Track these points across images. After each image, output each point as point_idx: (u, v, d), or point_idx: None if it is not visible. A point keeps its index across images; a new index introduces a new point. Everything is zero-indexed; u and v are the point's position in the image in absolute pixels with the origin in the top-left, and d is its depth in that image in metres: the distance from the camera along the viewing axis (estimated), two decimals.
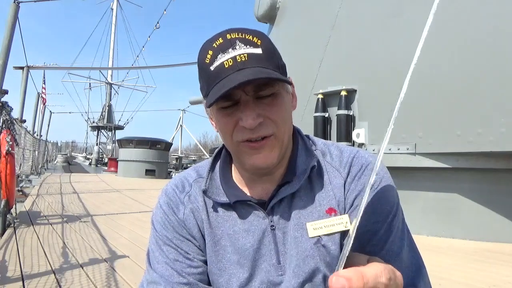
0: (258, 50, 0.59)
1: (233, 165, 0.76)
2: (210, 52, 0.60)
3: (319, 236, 0.65)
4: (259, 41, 0.60)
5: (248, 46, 0.59)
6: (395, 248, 0.63)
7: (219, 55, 0.59)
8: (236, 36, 0.60)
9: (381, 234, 0.64)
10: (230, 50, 0.59)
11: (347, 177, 0.69)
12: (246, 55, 0.59)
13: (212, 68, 0.60)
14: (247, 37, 0.60)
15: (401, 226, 0.67)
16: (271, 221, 0.68)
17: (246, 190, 0.72)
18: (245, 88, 0.59)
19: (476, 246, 4.12)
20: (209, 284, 0.72)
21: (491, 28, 4.02)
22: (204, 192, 0.71)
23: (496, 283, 2.83)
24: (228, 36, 0.60)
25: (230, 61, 0.58)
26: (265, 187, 0.70)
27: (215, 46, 0.60)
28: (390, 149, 4.65)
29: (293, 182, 0.67)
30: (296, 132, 0.76)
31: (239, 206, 0.70)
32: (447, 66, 4.27)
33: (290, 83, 0.61)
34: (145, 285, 0.70)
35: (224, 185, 0.72)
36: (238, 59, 0.58)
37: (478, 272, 3.12)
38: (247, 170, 0.70)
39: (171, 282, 0.67)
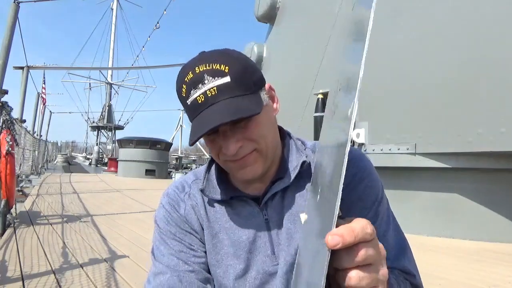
0: (227, 79, 0.62)
1: None
2: (184, 87, 0.64)
3: None
4: (226, 67, 0.62)
5: (216, 78, 0.62)
6: (380, 231, 0.68)
7: (192, 91, 0.63)
8: (204, 68, 0.62)
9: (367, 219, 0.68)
10: (200, 85, 0.62)
11: None
12: (215, 88, 0.62)
13: (188, 102, 0.64)
14: (214, 67, 0.62)
15: (386, 212, 0.72)
16: (265, 215, 0.73)
17: (241, 188, 0.77)
18: None
19: (476, 246, 4.12)
20: (210, 273, 0.76)
21: (491, 28, 4.02)
22: (202, 191, 0.76)
23: (496, 283, 2.83)
24: (197, 70, 0.63)
25: (201, 97, 0.62)
26: (259, 185, 0.75)
27: (187, 80, 0.63)
28: (390, 149, 4.65)
29: (285, 178, 0.72)
30: (286, 134, 0.80)
31: (235, 202, 0.75)
32: (447, 66, 4.27)
33: (259, 112, 0.63)
34: (151, 278, 0.73)
35: (220, 184, 0.76)
36: (208, 93, 0.62)
37: (478, 272, 3.12)
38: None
39: (178, 271, 0.71)
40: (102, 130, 37.94)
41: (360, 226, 0.44)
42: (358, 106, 0.40)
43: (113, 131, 37.34)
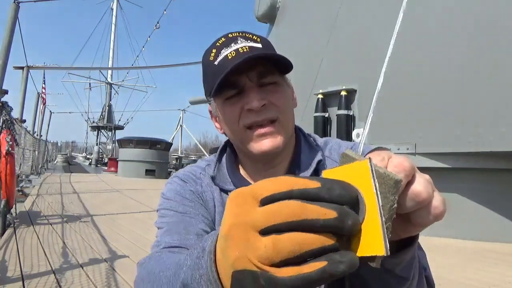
0: (258, 45, 0.65)
1: (239, 160, 0.78)
2: (214, 50, 0.65)
3: None
4: (258, 38, 0.66)
5: (249, 41, 0.65)
6: None
7: (223, 50, 0.64)
8: (237, 34, 0.66)
9: None
10: (232, 44, 0.64)
11: None
12: (247, 47, 0.63)
13: (216, 63, 0.64)
14: (247, 35, 0.66)
15: None
16: None
17: (251, 181, 0.73)
18: (249, 75, 0.63)
19: (476, 246, 4.12)
20: None
21: (491, 29, 4.01)
22: (212, 178, 0.73)
23: (496, 283, 2.83)
24: (230, 35, 0.66)
25: (233, 53, 0.63)
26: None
27: (218, 44, 0.65)
28: (390, 149, 4.64)
29: (299, 174, 0.69)
30: (297, 129, 0.78)
31: None
32: (447, 66, 4.27)
33: (292, 68, 0.65)
34: (159, 237, 0.66)
35: (231, 175, 0.74)
36: (241, 50, 0.63)
37: (478, 272, 3.12)
38: (253, 158, 0.70)
39: (193, 226, 0.65)
40: (102, 130, 37.92)
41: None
42: (358, 106, 0.40)
43: (113, 131, 37.32)
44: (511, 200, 4.37)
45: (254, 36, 0.66)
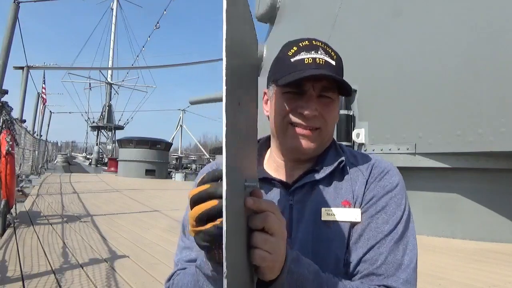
0: (333, 62, 0.73)
1: (266, 154, 0.86)
2: (295, 48, 0.74)
3: (330, 221, 0.73)
4: (335, 56, 0.75)
5: (327, 55, 0.73)
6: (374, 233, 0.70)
7: (303, 53, 0.73)
8: (320, 44, 0.75)
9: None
10: (313, 52, 0.73)
11: (368, 178, 0.77)
12: (324, 60, 0.72)
13: (292, 60, 0.73)
14: (327, 49, 0.75)
15: (391, 224, 0.72)
16: (291, 200, 0.77)
17: (273, 175, 0.81)
18: (315, 84, 0.72)
19: (476, 246, 4.12)
20: None
21: (491, 29, 4.01)
22: None
23: (496, 283, 2.84)
24: (314, 42, 0.75)
25: (310, 59, 0.71)
26: (292, 174, 0.79)
27: (301, 45, 0.74)
28: (390, 149, 4.65)
29: (319, 172, 0.77)
30: (333, 140, 0.86)
31: (265, 184, 0.79)
32: (448, 67, 4.27)
33: (351, 95, 0.69)
34: (178, 251, 0.81)
35: None
36: (318, 61, 0.71)
37: (478, 272, 3.12)
38: (283, 150, 0.79)
39: None
40: (102, 130, 37.95)
41: (268, 202, 0.52)
42: (358, 106, 0.40)
43: (113, 131, 37.33)
44: (511, 200, 4.37)
45: (332, 52, 0.75)
